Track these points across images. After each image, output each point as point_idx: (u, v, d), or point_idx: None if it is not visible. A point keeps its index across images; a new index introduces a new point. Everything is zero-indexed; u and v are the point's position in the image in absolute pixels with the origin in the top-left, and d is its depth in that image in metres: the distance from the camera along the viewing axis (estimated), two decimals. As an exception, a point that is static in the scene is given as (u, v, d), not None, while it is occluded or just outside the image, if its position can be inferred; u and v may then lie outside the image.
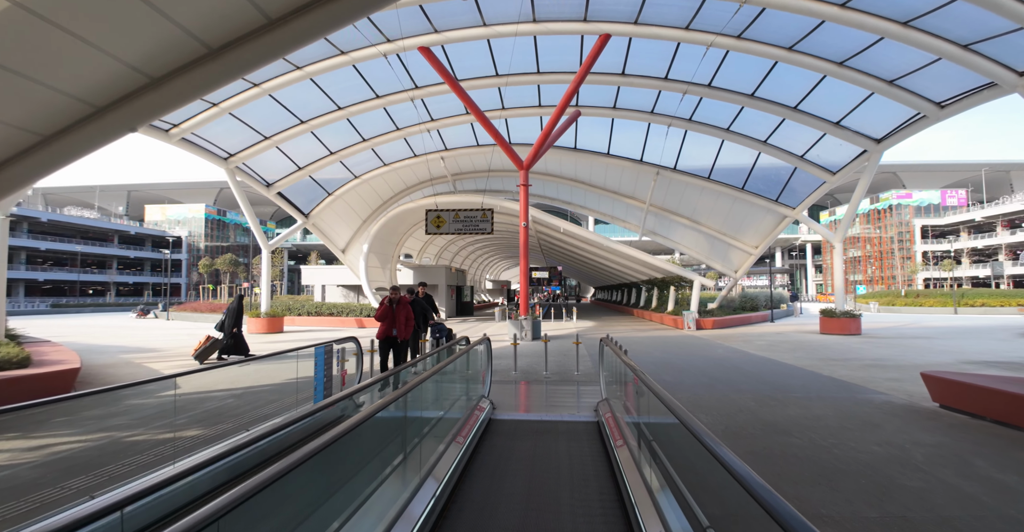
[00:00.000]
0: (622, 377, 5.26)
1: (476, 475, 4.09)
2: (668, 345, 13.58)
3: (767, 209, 19.19)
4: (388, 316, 7.34)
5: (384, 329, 7.35)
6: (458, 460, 3.91)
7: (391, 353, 7.66)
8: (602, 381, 6.40)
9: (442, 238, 30.64)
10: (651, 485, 3.12)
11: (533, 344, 13.68)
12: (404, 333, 7.36)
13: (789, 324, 21.99)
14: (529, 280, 41.80)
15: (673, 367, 9.74)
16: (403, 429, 3.24)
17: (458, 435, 4.44)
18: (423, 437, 3.60)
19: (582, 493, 3.78)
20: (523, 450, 4.75)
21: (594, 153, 19.39)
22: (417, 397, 3.57)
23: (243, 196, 17.62)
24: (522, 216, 15.29)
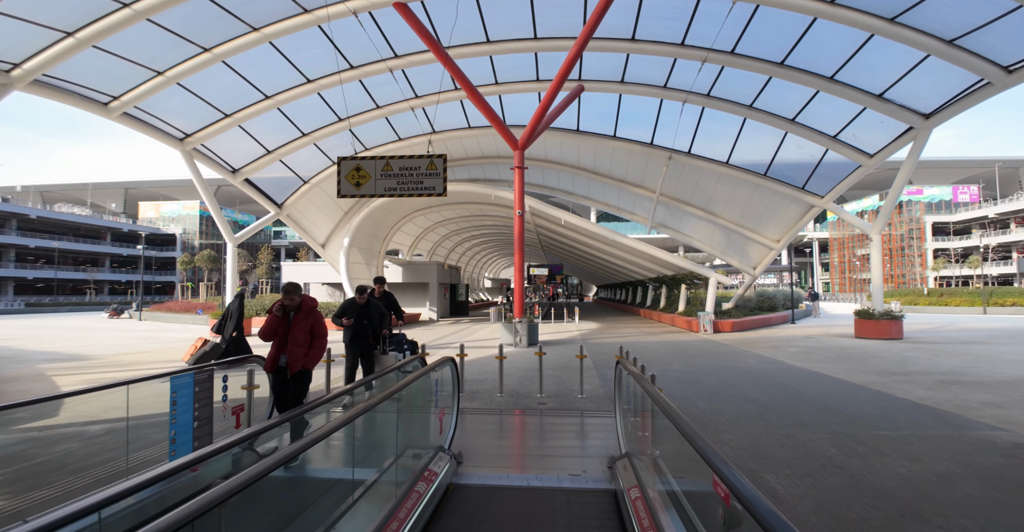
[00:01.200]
0: (652, 420, 3.29)
1: None
2: (687, 353, 11.56)
3: (792, 198, 17.15)
4: (277, 333, 4.40)
5: (272, 356, 4.43)
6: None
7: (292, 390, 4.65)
8: (620, 425, 4.39)
9: (434, 233, 28.64)
10: None
11: (528, 352, 11.68)
12: (302, 361, 4.32)
13: (812, 326, 19.96)
14: (529, 279, 39.90)
15: (703, 387, 7.72)
16: None
17: (387, 525, 2.47)
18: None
19: None
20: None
21: (599, 136, 17.35)
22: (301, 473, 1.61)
23: (203, 183, 15.64)
24: (517, 203, 13.28)
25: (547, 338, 15.13)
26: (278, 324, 4.39)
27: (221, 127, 14.78)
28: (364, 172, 11.20)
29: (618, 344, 13.12)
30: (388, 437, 3.13)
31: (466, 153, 19.74)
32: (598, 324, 21.40)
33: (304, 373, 4.43)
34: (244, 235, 17.87)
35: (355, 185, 11.07)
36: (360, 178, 10.99)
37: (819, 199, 16.74)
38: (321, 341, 4.49)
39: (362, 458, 3.08)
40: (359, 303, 6.59)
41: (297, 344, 4.34)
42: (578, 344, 13.25)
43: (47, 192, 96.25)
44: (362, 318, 6.51)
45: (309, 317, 4.43)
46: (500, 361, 6.95)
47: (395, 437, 3.16)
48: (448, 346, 13.10)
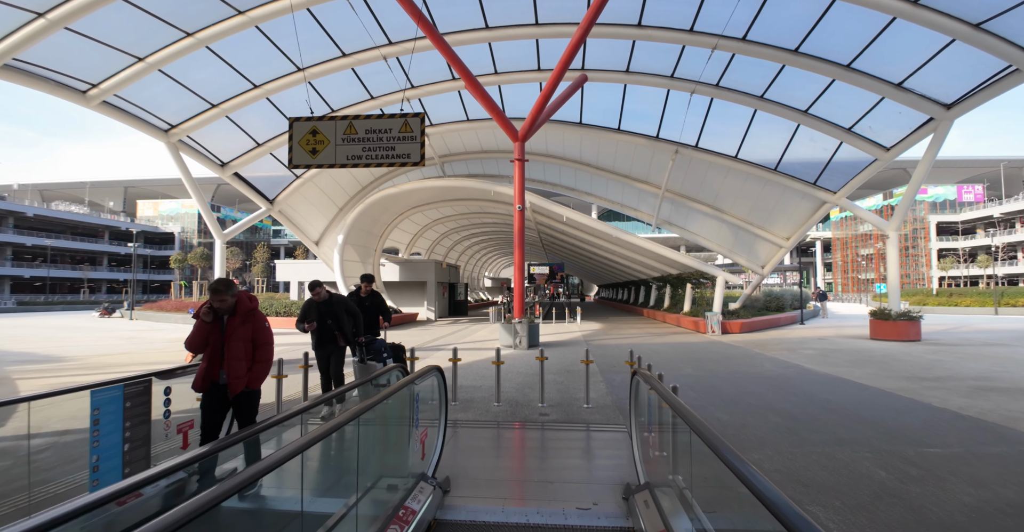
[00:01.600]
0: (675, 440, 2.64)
1: None
2: (698, 356, 10.89)
3: (803, 194, 16.48)
4: (208, 343, 3.50)
5: (203, 372, 3.47)
6: None
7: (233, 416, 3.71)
8: (636, 446, 3.73)
9: (433, 231, 27.98)
10: None
11: (529, 354, 11.01)
12: (245, 378, 3.40)
13: (823, 326, 19.29)
14: (529, 278, 39.21)
15: (720, 395, 7.05)
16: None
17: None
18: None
19: None
20: None
21: (602, 128, 16.68)
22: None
23: (189, 177, 14.98)
24: (516, 198, 12.61)
25: (548, 339, 14.47)
26: (208, 332, 3.43)
27: (207, 118, 14.13)
28: (321, 136, 8.71)
29: (623, 346, 12.45)
30: (350, 469, 2.47)
31: (465, 147, 19.08)
32: (601, 324, 20.74)
33: (249, 395, 3.44)
34: (233, 231, 17.21)
35: (310, 153, 8.81)
36: (317, 144, 8.69)
37: (831, 195, 16.08)
38: (265, 351, 3.52)
39: (316, 497, 2.42)
40: (318, 301, 5.82)
41: (236, 357, 3.34)
42: (581, 346, 12.58)
43: (46, 190, 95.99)
44: (325, 318, 5.75)
45: (248, 322, 3.44)
46: (497, 367, 6.25)
47: (359, 469, 2.49)
48: (443, 348, 12.44)
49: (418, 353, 10.94)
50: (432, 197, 20.88)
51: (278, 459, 1.76)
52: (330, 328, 5.74)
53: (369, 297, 6.84)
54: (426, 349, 12.20)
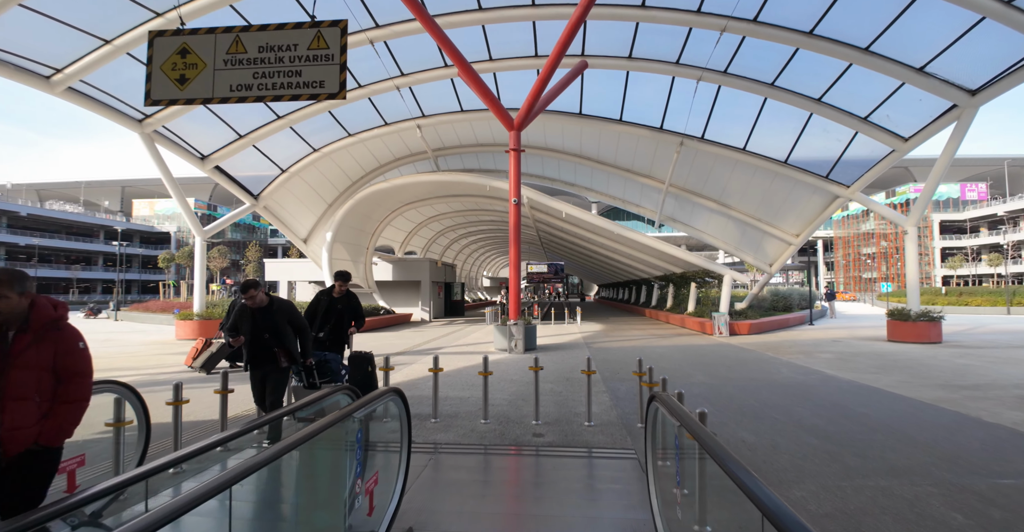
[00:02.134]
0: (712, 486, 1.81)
1: None
2: (708, 361, 10.05)
3: (814, 188, 15.65)
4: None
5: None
6: None
7: None
8: (652, 487, 2.87)
9: (428, 229, 27.14)
10: None
11: (524, 360, 10.17)
12: (33, 430, 2.10)
13: (833, 327, 18.47)
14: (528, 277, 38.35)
15: (740, 408, 6.22)
16: None
17: None
18: None
19: None
20: None
21: (603, 119, 15.84)
22: None
23: (165, 169, 14.13)
24: (512, 190, 11.78)
25: (547, 342, 13.64)
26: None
27: (183, 107, 13.27)
28: (194, 57, 5.73)
29: (627, 349, 11.63)
30: None
31: (459, 140, 18.24)
32: (602, 325, 19.91)
33: (37, 457, 2.13)
34: (215, 228, 16.37)
35: (177, 82, 5.82)
36: (187, 69, 5.68)
37: (844, 189, 15.25)
38: (77, 387, 2.23)
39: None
40: (252, 307, 4.37)
41: (19, 396, 2.08)
42: (581, 350, 11.76)
43: (43, 190, 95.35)
44: (261, 331, 4.34)
45: (47, 342, 2.17)
46: (485, 378, 5.41)
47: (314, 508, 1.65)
48: (432, 352, 11.60)
49: (404, 358, 10.15)
50: (426, 193, 20.05)
51: None
52: (268, 343, 4.36)
53: (343, 298, 5.94)
54: (414, 353, 11.37)
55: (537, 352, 11.13)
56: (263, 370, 4.41)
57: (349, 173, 18.71)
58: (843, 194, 15.31)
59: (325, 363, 4.91)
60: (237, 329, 8.93)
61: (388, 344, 13.24)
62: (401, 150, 18.55)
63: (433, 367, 5.30)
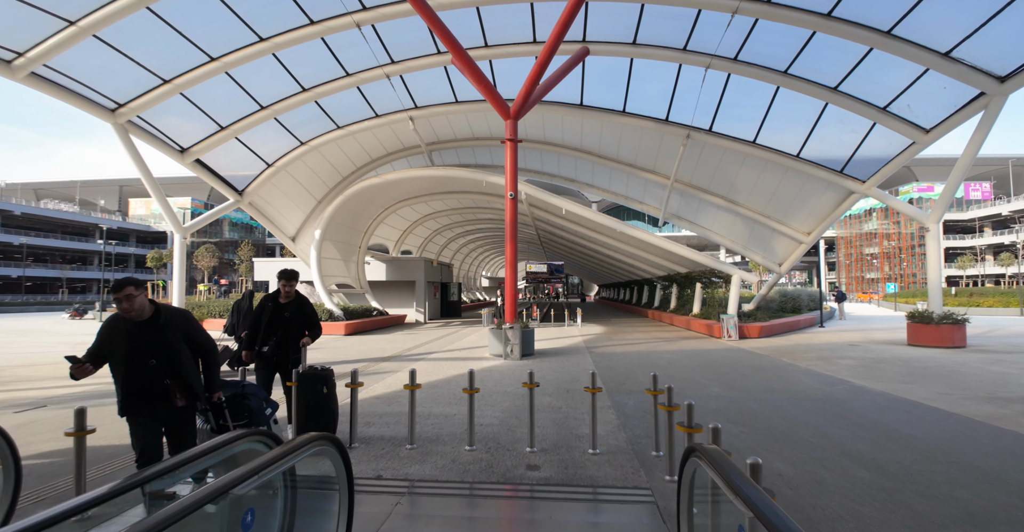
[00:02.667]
0: None
1: None
2: (721, 368, 9.23)
3: (827, 183, 14.85)
4: None
5: None
6: None
7: None
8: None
9: (424, 227, 26.32)
10: None
11: (520, 368, 9.35)
12: None
13: (847, 330, 17.65)
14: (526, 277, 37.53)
15: (768, 428, 5.40)
16: None
17: None
18: None
19: None
20: None
21: (605, 111, 15.02)
22: None
23: (140, 161, 13.30)
24: (508, 184, 10.95)
25: (545, 346, 12.82)
26: None
27: (159, 95, 12.46)
28: None
29: (631, 354, 10.81)
30: None
31: (454, 134, 17.42)
32: (603, 327, 19.09)
33: None
34: (195, 225, 15.53)
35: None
36: None
37: (860, 184, 14.44)
38: None
39: None
40: (127, 317, 3.02)
41: None
42: (583, 355, 10.93)
43: (40, 189, 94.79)
44: (142, 354, 3.00)
45: None
46: (470, 397, 4.58)
47: None
48: (421, 358, 10.79)
49: (389, 365, 9.15)
50: (420, 189, 19.23)
51: None
52: (155, 373, 3.02)
53: (292, 304, 4.76)
54: (401, 359, 10.55)
55: (535, 358, 10.31)
56: (152, 413, 3.02)
57: (339, 168, 17.89)
58: (858, 189, 14.51)
59: (241, 399, 3.62)
60: (235, 330, 8.01)
61: (376, 348, 12.42)
62: (393, 144, 17.73)
63: (410, 383, 4.47)
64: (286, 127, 15.14)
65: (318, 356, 10.96)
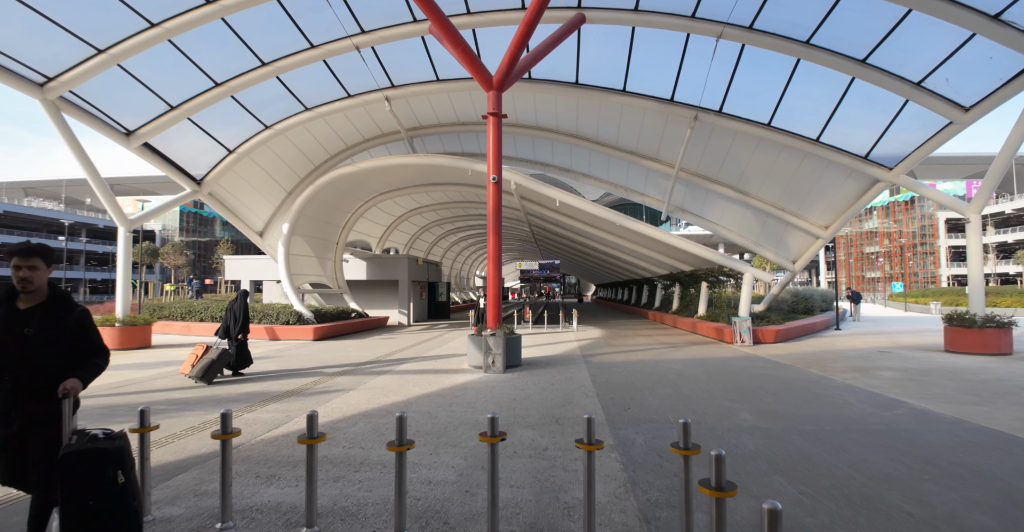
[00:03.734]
0: None
1: None
2: (745, 385, 7.69)
3: (849, 171, 13.37)
4: None
5: None
6: None
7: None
8: None
9: (410, 223, 24.72)
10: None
11: (500, 387, 7.78)
12: None
13: (864, 332, 16.17)
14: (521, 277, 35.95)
15: (834, 485, 3.85)
16: None
17: None
18: None
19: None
20: None
21: (603, 90, 13.48)
22: None
23: (75, 143, 11.68)
24: (491, 165, 9.39)
25: (535, 354, 11.27)
26: None
27: (94, 66, 10.86)
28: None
29: (635, 365, 9.25)
30: None
31: (437, 118, 15.84)
32: (601, 331, 17.55)
33: None
34: (143, 218, 13.96)
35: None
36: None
37: (886, 172, 12.96)
38: None
39: None
40: (20, 292, 2.43)
41: None
42: (578, 366, 9.37)
43: (29, 188, 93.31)
44: (19, 344, 2.35)
45: None
46: (397, 459, 2.95)
47: None
48: (382, 372, 9.22)
49: (345, 380, 7.04)
50: (401, 180, 17.65)
51: None
52: (33, 368, 2.38)
53: (38, 311, 2.46)
54: (361, 371, 8.96)
55: (521, 371, 8.75)
56: (15, 418, 2.32)
57: (311, 156, 16.29)
58: (885, 177, 13.02)
59: None
60: (228, 332, 7.70)
61: (340, 357, 10.84)
62: (370, 129, 16.14)
63: (309, 435, 2.87)
64: (247, 108, 13.53)
65: (267, 366, 9.38)
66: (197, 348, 7.93)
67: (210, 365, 7.59)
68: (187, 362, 7.88)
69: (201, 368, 7.54)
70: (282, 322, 14.70)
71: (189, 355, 7.94)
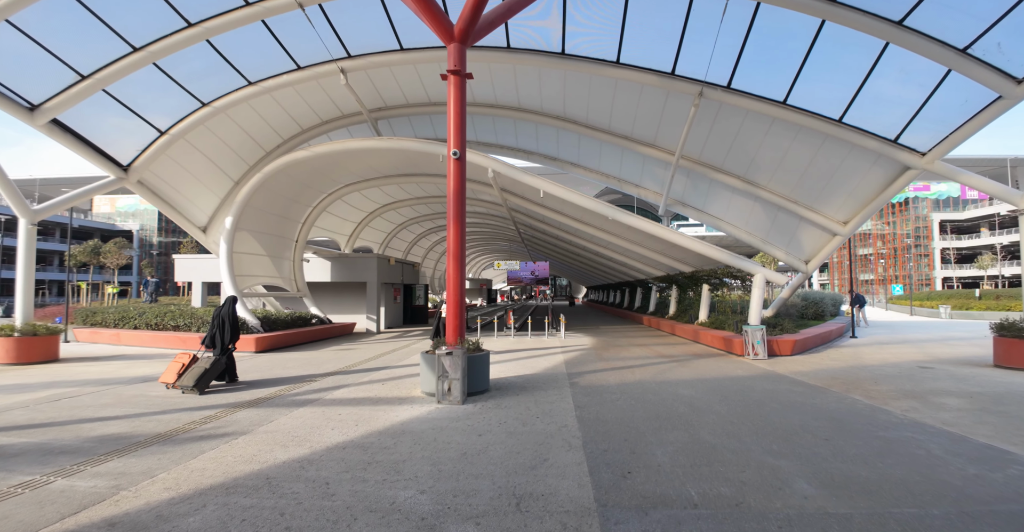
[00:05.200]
0: None
1: None
2: (782, 424, 5.81)
3: (876, 156, 11.64)
4: None
5: None
6: None
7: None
8: None
9: (384, 220, 22.70)
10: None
11: (454, 429, 5.83)
12: None
13: (885, 341, 14.44)
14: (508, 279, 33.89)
15: None
16: None
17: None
18: None
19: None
20: None
21: (594, 61, 11.61)
22: None
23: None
24: (452, 137, 7.48)
25: (511, 371, 9.35)
26: None
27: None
28: None
29: (632, 389, 7.34)
30: None
31: (405, 97, 13.90)
32: (592, 338, 15.67)
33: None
34: (47, 209, 11.82)
35: None
36: None
37: (918, 157, 11.24)
38: None
39: None
40: None
41: None
42: (561, 392, 7.45)
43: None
44: None
45: None
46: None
47: None
48: (311, 401, 7.26)
49: (244, 415, 5.03)
50: (366, 169, 15.66)
51: None
52: None
53: None
54: (284, 398, 6.99)
55: (487, 399, 6.82)
56: None
57: (261, 141, 14.27)
58: (917, 164, 11.30)
59: None
60: (215, 341, 7.65)
61: (272, 375, 8.84)
62: (329, 110, 14.16)
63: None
64: (175, 80, 11.50)
65: (162, 390, 7.37)
66: (182, 358, 7.69)
67: (203, 374, 7.42)
68: (171, 372, 7.54)
69: (194, 377, 7.33)
70: (222, 331, 12.61)
71: (171, 364, 7.64)
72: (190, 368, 7.51)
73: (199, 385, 7.31)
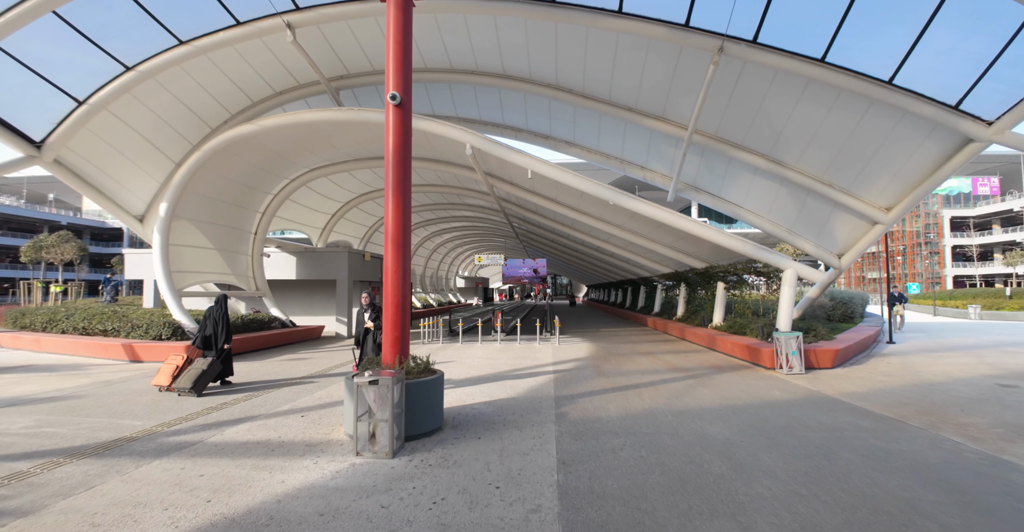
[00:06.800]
0: None
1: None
2: (881, 499, 3.78)
3: (931, 126, 9.61)
4: None
5: None
6: None
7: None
8: None
9: (363, 212, 20.68)
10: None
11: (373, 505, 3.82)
12: None
13: (932, 348, 12.42)
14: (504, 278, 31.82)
15: None
16: None
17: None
18: None
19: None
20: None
21: (590, 11, 9.57)
22: None
23: None
24: (392, 76, 5.51)
25: (480, 395, 7.36)
26: None
27: None
28: None
29: (640, 427, 5.31)
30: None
31: (371, 62, 11.88)
32: (590, 345, 13.66)
33: None
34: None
35: None
36: None
37: (984, 127, 9.18)
38: None
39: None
40: None
41: None
42: (543, 429, 5.44)
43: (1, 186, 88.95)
44: None
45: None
46: None
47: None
48: (186, 444, 5.29)
49: (67, 472, 3.10)
50: (330, 149, 13.64)
51: None
52: None
53: None
54: (149, 447, 5.01)
55: (431, 449, 4.80)
56: None
57: (204, 115, 12.26)
58: (982, 136, 9.25)
59: None
60: (209, 341, 7.72)
61: (178, 401, 6.88)
62: (282, 79, 12.16)
63: None
64: (87, 36, 9.49)
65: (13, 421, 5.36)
66: (175, 359, 7.63)
67: (201, 376, 7.33)
68: (164, 374, 7.50)
69: (192, 379, 7.22)
70: (152, 336, 10.67)
71: (164, 366, 7.59)
72: (184, 370, 7.47)
73: (196, 387, 7.23)
